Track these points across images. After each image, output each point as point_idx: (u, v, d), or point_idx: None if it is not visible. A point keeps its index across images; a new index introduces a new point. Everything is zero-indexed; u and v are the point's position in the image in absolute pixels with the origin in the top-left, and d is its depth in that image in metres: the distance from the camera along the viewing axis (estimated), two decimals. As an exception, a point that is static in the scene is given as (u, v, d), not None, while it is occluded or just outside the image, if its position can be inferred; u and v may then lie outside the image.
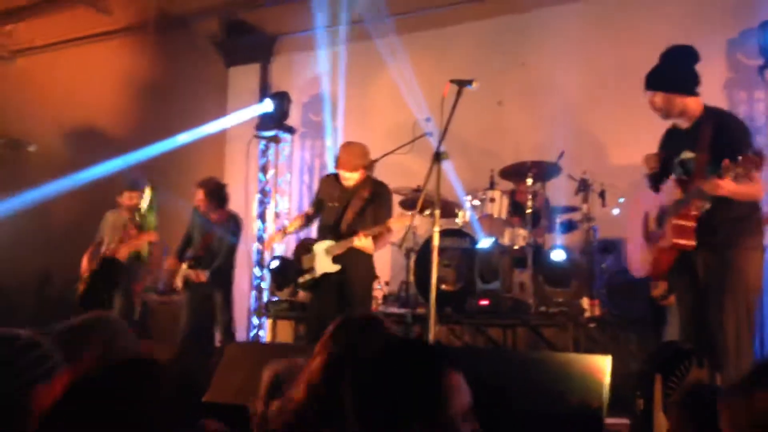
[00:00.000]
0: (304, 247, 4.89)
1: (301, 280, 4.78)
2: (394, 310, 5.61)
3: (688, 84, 3.28)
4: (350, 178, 4.63)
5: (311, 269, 4.68)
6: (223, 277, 5.76)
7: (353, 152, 4.68)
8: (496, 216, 5.51)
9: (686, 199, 3.13)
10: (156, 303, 5.96)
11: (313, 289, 4.77)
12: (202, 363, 4.44)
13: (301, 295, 5.84)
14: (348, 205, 4.63)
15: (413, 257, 5.64)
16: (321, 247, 4.64)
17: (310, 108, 7.55)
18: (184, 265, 5.62)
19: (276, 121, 7.33)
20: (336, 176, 4.77)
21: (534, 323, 4.97)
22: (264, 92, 7.66)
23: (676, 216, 3.14)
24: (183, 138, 7.14)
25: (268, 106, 7.27)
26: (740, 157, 2.84)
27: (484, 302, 5.19)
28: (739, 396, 1.06)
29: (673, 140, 3.40)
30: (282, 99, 7.29)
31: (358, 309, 4.49)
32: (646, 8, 6.19)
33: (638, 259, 3.47)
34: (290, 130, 7.51)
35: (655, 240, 3.31)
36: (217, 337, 5.65)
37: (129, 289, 5.84)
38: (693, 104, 3.28)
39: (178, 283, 5.62)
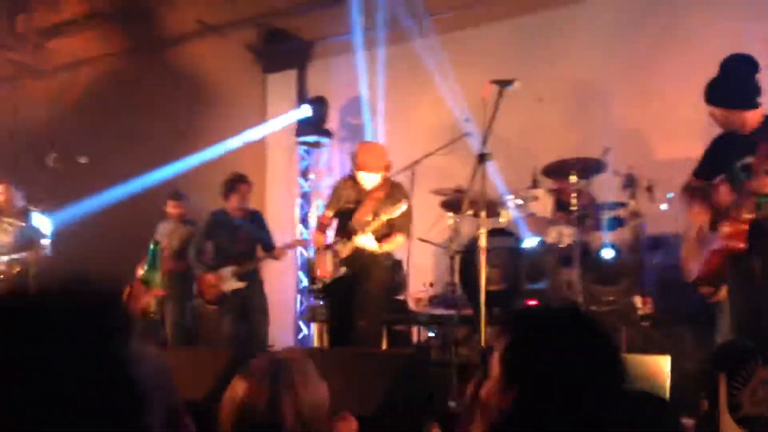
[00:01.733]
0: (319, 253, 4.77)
1: (313, 286, 4.72)
2: (441, 311, 5.60)
3: (749, 98, 3.26)
4: (370, 179, 4.54)
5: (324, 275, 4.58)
6: (260, 277, 5.80)
7: (374, 153, 4.60)
8: (540, 214, 5.46)
9: (738, 201, 3.15)
10: (204, 309, 6.01)
11: (327, 295, 4.66)
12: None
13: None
14: (360, 206, 4.55)
15: (458, 258, 5.62)
16: (331, 252, 4.56)
17: (348, 111, 7.57)
18: (228, 270, 5.63)
19: (314, 125, 7.40)
20: (352, 178, 4.69)
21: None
22: (302, 97, 7.72)
23: (727, 218, 3.20)
24: (224, 146, 7.24)
25: (306, 111, 7.34)
26: None
27: (532, 302, 5.15)
28: None
29: (730, 145, 3.39)
30: (320, 104, 7.35)
31: (371, 313, 4.41)
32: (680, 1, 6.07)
33: (692, 265, 3.56)
34: (329, 134, 7.56)
35: (708, 244, 3.34)
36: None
37: (181, 297, 5.93)
38: (753, 116, 3.29)
39: (227, 288, 5.58)
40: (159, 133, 7.46)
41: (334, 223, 4.78)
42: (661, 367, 2.52)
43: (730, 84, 3.29)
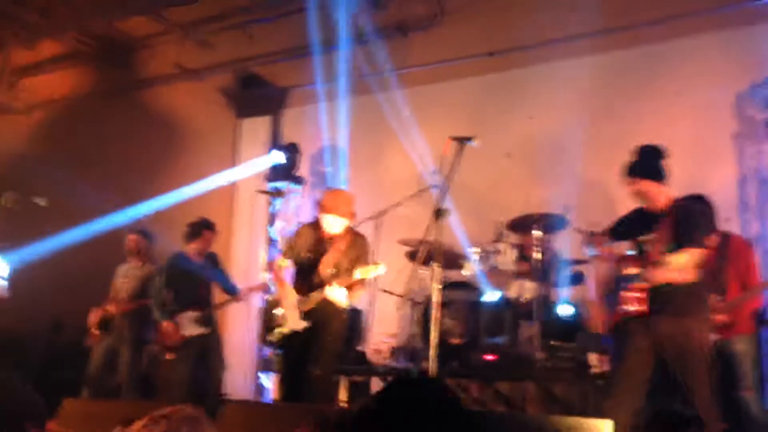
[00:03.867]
0: (275, 301, 4.65)
1: (270, 337, 4.54)
2: (401, 363, 5.53)
3: (662, 175, 3.85)
4: (335, 224, 4.48)
5: (280, 325, 4.48)
6: (216, 323, 5.72)
7: (342, 198, 4.58)
8: (503, 268, 5.46)
9: (637, 276, 3.64)
10: (162, 356, 5.87)
11: (283, 347, 4.53)
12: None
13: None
14: (321, 257, 4.48)
15: (420, 309, 5.58)
16: (291, 302, 4.46)
17: (319, 159, 7.61)
18: (188, 316, 5.54)
19: (286, 172, 7.41)
20: (313, 225, 4.65)
21: (542, 379, 4.86)
22: (274, 144, 7.75)
23: (628, 288, 3.66)
24: (194, 188, 7.22)
25: (278, 157, 7.36)
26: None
27: (490, 357, 5.11)
28: None
29: (640, 218, 3.89)
30: (292, 150, 7.39)
31: (324, 363, 4.34)
32: (654, 62, 6.24)
33: (598, 318, 3.89)
34: (299, 181, 7.58)
35: (611, 304, 3.77)
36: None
37: (137, 341, 5.79)
38: (664, 196, 3.82)
39: (188, 333, 5.52)
40: (128, 174, 7.42)
41: (291, 271, 4.72)
42: (601, 430, 2.48)
43: (649, 162, 3.88)
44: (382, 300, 5.88)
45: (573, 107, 6.39)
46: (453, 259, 5.60)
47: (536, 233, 5.37)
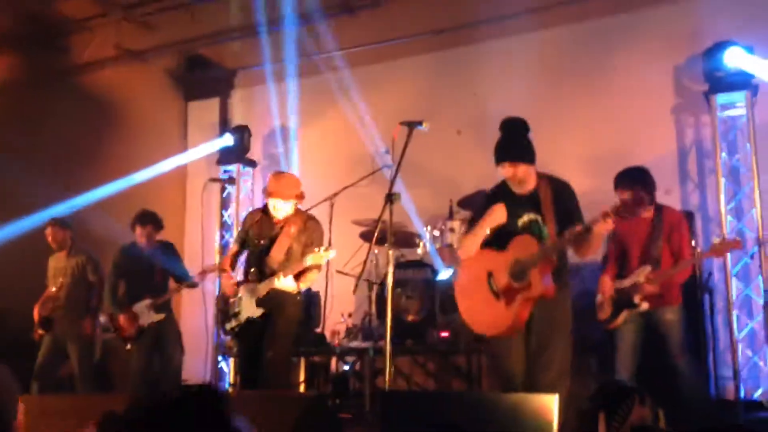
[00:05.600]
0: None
1: (227, 326, 4.49)
2: (356, 344, 5.61)
3: (533, 154, 3.67)
4: (282, 208, 4.42)
5: (237, 314, 4.44)
6: (172, 308, 5.70)
7: (287, 182, 4.49)
8: (455, 246, 5.56)
9: (546, 254, 3.45)
10: (119, 347, 5.80)
11: (241, 335, 4.49)
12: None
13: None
14: (273, 243, 4.44)
15: (375, 289, 5.66)
16: (245, 290, 4.43)
17: (270, 141, 7.56)
18: (143, 304, 5.51)
19: (237, 154, 7.34)
20: (263, 211, 4.57)
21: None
22: (224, 126, 7.66)
23: (541, 266, 3.42)
24: (143, 175, 7.09)
25: (228, 140, 7.28)
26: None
27: (445, 334, 5.22)
28: None
29: (510, 201, 3.68)
30: (242, 133, 7.31)
31: (278, 345, 4.34)
32: (595, 38, 6.36)
33: (488, 318, 3.59)
34: (251, 164, 7.52)
35: (514, 294, 3.48)
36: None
37: (84, 334, 5.68)
38: (534, 172, 3.70)
39: (145, 322, 5.49)
40: (71, 163, 7.23)
41: (242, 257, 4.70)
42: (548, 405, 2.59)
43: (519, 143, 3.65)
44: (337, 281, 5.91)
45: (519, 83, 6.46)
46: (407, 238, 5.68)
47: (487, 210, 5.46)
